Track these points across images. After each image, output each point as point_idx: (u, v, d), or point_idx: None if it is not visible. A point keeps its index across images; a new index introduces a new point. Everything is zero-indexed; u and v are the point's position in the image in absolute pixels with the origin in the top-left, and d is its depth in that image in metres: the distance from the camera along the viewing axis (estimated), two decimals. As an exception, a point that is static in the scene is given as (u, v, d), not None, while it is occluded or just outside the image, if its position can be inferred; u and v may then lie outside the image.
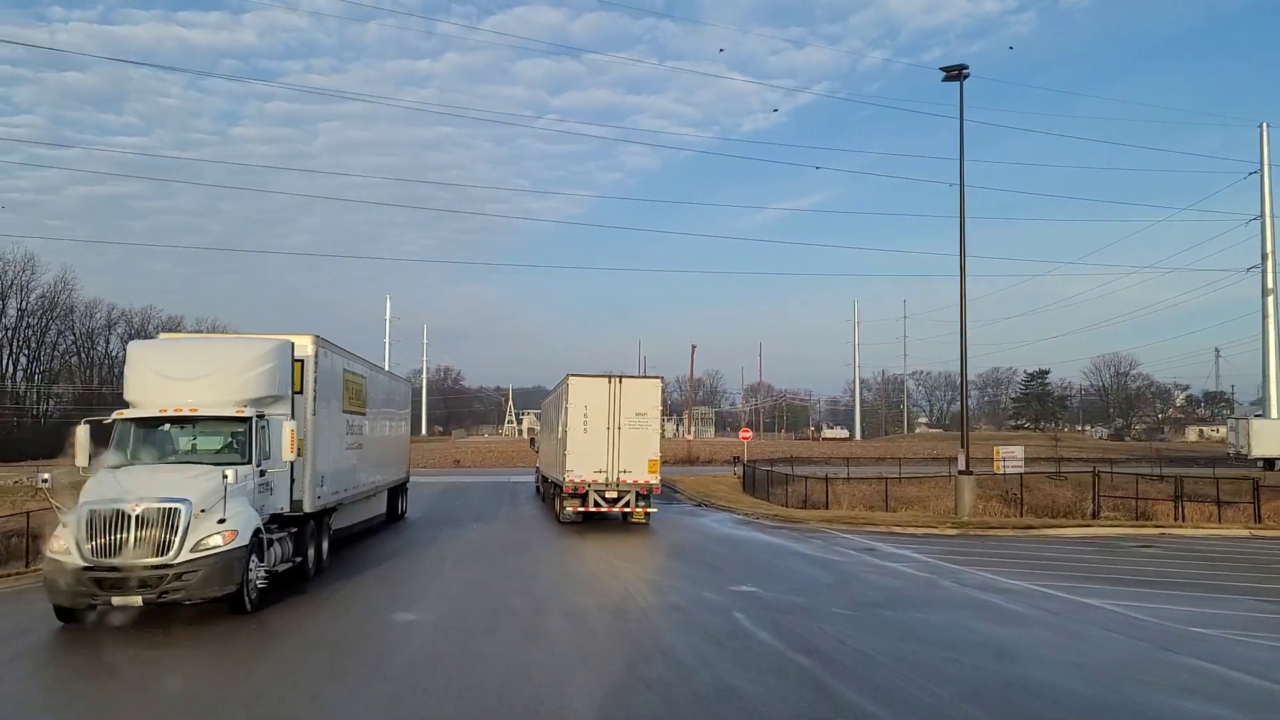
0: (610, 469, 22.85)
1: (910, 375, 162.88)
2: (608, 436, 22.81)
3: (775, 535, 23.40)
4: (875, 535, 23.33)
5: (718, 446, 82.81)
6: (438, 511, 29.30)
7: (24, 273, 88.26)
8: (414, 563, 18.26)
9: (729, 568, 17.69)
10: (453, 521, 26.29)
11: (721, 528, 25.68)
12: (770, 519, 27.59)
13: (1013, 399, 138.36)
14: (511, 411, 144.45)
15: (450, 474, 54.05)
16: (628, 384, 23.37)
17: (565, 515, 23.56)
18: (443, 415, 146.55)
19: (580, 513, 23.31)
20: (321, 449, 15.66)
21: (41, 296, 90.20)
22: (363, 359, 20.02)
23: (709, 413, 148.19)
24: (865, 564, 18.22)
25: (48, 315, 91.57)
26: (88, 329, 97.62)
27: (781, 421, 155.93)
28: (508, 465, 62.67)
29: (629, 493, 23.01)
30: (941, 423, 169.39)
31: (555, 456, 26.04)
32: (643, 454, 22.96)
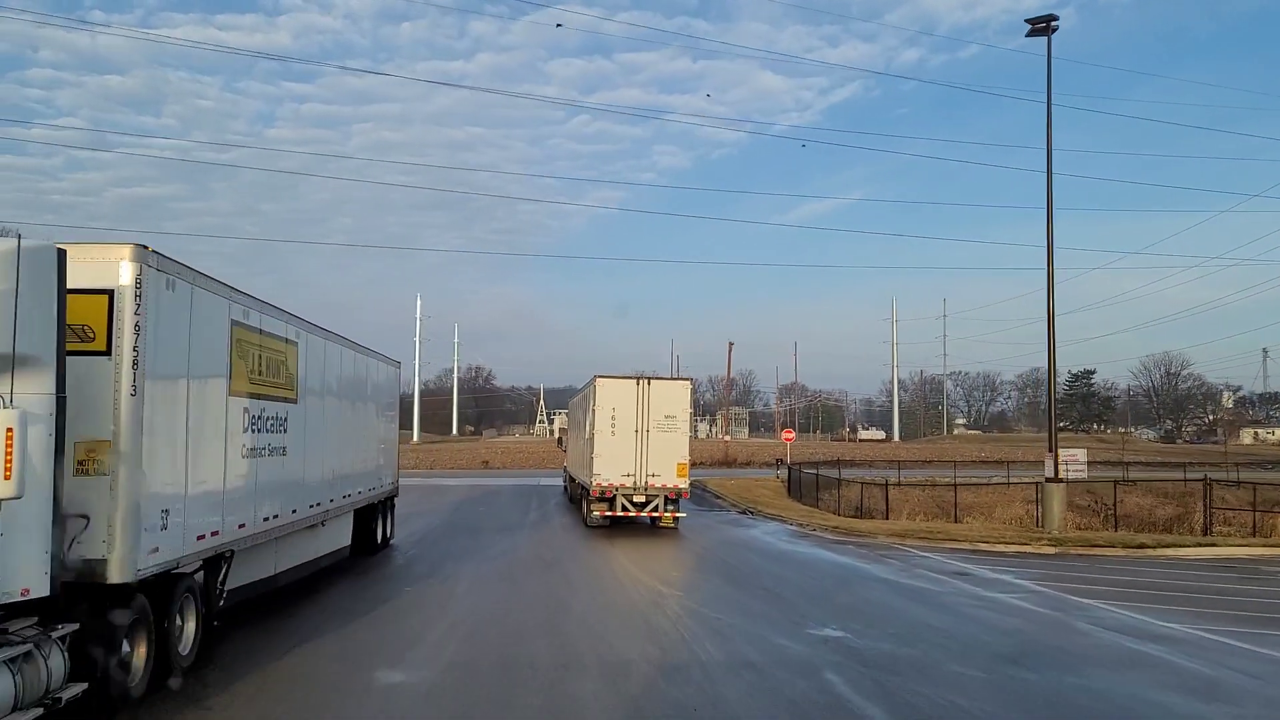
0: (638, 473, 22.11)
1: (948, 375, 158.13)
2: (636, 440, 22.08)
3: (841, 552, 20.01)
4: (958, 554, 19.86)
5: (754, 448, 79.32)
6: (457, 520, 26.25)
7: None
8: (421, 592, 15.13)
9: (799, 599, 14.35)
10: (472, 530, 23.23)
11: (777, 542, 22.34)
12: (829, 531, 24.17)
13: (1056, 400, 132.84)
14: (543, 411, 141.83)
15: (478, 476, 51.17)
16: (656, 386, 22.75)
17: (592, 519, 22.72)
18: (474, 415, 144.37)
19: (608, 517, 22.46)
20: (164, 458, 8.37)
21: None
22: (299, 318, 12.83)
23: (742, 413, 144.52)
24: (965, 595, 14.78)
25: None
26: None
27: (816, 422, 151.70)
28: (538, 466, 59.72)
29: (657, 497, 22.24)
30: (979, 424, 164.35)
31: (583, 458, 25.07)
32: (672, 457, 22.22)
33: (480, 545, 20.40)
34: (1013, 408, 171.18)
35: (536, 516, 27.45)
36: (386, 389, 19.56)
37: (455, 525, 24.64)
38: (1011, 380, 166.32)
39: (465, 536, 22.01)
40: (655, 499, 22.25)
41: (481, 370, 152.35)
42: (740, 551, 20.28)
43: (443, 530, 23.42)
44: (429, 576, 16.09)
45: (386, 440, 19.66)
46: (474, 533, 22.82)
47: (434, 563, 17.74)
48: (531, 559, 18.50)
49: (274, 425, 11.55)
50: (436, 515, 27.17)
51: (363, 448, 16.87)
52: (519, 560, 18.23)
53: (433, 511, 28.31)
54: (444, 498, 33.79)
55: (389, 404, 20.08)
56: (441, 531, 23.11)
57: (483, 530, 23.37)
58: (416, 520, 25.81)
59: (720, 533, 24.39)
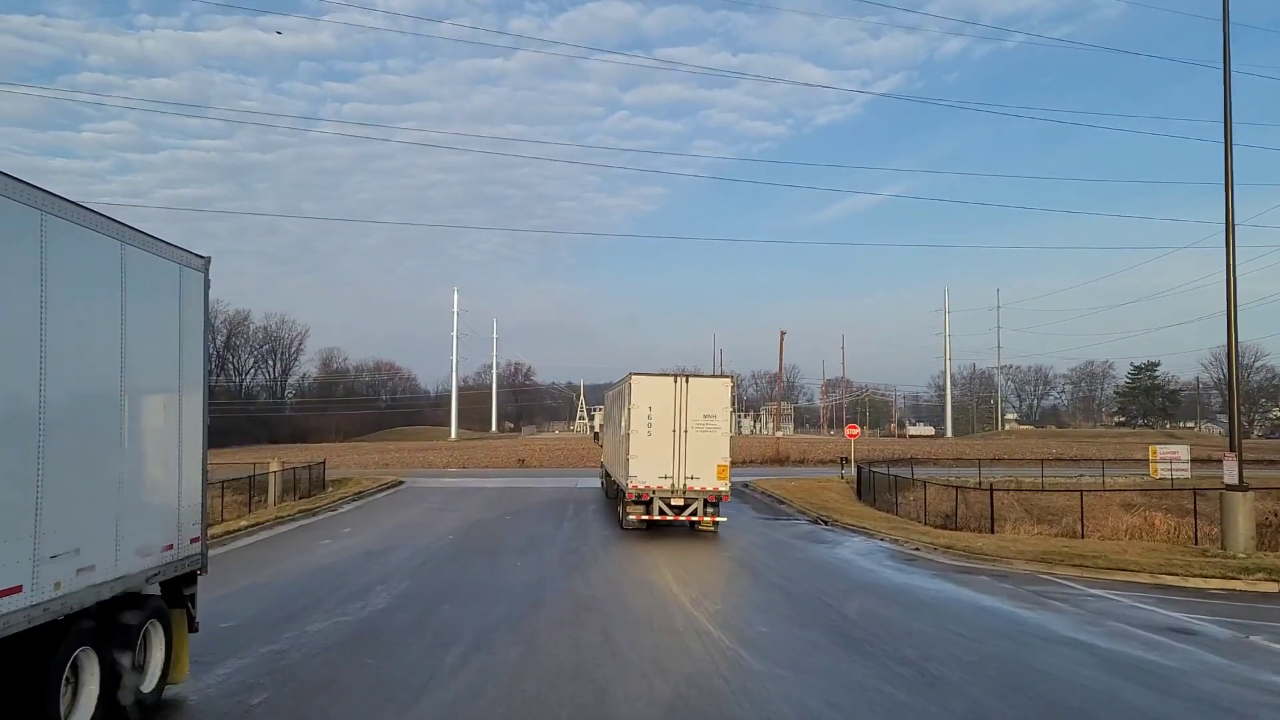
0: (676, 475, 20.68)
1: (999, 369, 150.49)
2: (673, 440, 20.65)
3: (979, 588, 14.56)
4: (1139, 591, 14.30)
5: (805, 445, 73.59)
6: (475, 535, 21.25)
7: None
8: (392, 662, 10.06)
9: (975, 689, 8.97)
10: (489, 551, 18.22)
11: (879, 568, 16.94)
12: (940, 551, 18.73)
13: (1117, 393, 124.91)
14: (583, 407, 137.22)
15: (512, 476, 46.33)
16: (695, 384, 21.23)
17: (628, 523, 21.27)
18: (513, 411, 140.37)
19: (644, 521, 20.97)
20: None
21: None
22: None
23: (787, 408, 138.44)
24: (1234, 681, 9.31)
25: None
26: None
27: (861, 417, 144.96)
28: (576, 465, 54.78)
29: (696, 500, 20.77)
30: (1030, 419, 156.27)
31: (618, 457, 23.50)
32: (711, 459, 20.71)
33: (496, 576, 15.36)
34: (1067, 402, 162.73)
35: (571, 530, 22.37)
36: (161, 319, 8.05)
37: (470, 543, 19.65)
38: (1064, 374, 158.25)
39: (479, 561, 17.01)
40: (694, 502, 20.73)
41: (521, 366, 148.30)
42: (838, 585, 14.95)
43: (452, 551, 18.44)
44: (411, 632, 11.04)
45: (165, 434, 8.04)
46: (491, 554, 17.82)
47: (426, 606, 12.69)
48: (561, 598, 13.41)
49: None
50: (452, 528, 22.25)
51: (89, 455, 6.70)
52: (544, 601, 13.13)
53: (449, 522, 23.41)
54: (467, 504, 28.94)
55: (171, 355, 8.19)
56: (450, 553, 18.11)
57: (503, 550, 18.35)
58: (425, 534, 20.91)
59: (800, 552, 19.11)
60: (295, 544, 19.99)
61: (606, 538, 20.87)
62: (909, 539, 20.78)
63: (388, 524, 23.56)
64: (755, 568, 16.62)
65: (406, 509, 27.53)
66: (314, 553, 18.43)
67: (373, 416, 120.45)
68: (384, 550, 18.39)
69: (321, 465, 37.88)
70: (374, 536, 20.86)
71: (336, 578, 15.14)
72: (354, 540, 20.27)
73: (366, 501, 30.25)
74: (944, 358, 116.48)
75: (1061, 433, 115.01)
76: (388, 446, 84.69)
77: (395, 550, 18.35)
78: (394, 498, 31.49)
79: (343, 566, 16.45)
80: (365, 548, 18.94)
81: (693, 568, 16.66)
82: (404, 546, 18.89)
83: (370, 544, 19.51)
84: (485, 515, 25.53)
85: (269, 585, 14.57)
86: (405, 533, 21.37)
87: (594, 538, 20.82)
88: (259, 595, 13.60)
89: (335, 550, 18.73)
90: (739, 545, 20.01)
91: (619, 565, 16.84)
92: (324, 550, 18.78)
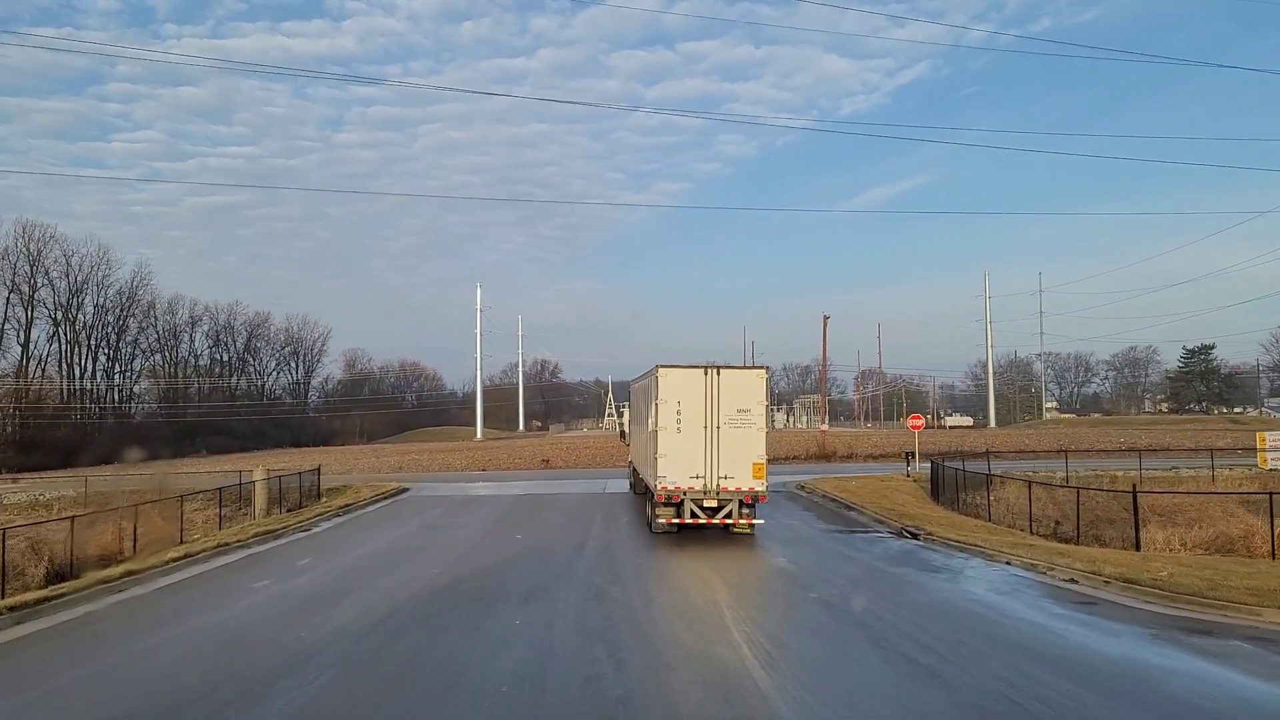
0: (709, 474, 18.62)
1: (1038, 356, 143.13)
2: (705, 437, 18.64)
3: (1252, 675, 8.79)
4: None
5: (848, 438, 67.47)
6: (470, 566, 15.72)
7: (99, 268, 79.94)
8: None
9: None
10: (482, 598, 12.66)
11: (1056, 626, 11.01)
12: (1117, 587, 12.85)
13: (1169, 378, 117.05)
14: (611, 404, 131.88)
15: (535, 477, 40.91)
16: (727, 376, 19.05)
17: (657, 525, 19.19)
18: (541, 410, 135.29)
19: (675, 524, 18.91)
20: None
21: (119, 292, 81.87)
22: None
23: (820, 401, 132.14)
24: None
25: (126, 311, 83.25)
26: (171, 326, 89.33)
27: (896, 409, 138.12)
28: (605, 464, 49.29)
29: (731, 501, 18.64)
30: (1071, 407, 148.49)
31: (646, 456, 21.27)
32: (746, 456, 18.64)
33: (478, 651, 9.80)
34: (1110, 389, 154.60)
35: (596, 556, 16.77)
36: None
37: (458, 583, 14.09)
38: (1105, 360, 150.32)
39: (461, 618, 11.46)
40: (728, 504, 18.63)
41: (548, 364, 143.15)
42: (1020, 667, 9.20)
43: (428, 599, 12.87)
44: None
45: None
46: (482, 604, 12.25)
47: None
48: (574, 700, 7.85)
49: None
50: (440, 558, 16.75)
51: None
52: (545, 715, 7.58)
53: (439, 549, 17.91)
54: (472, 518, 23.50)
55: None
56: (424, 604, 12.54)
57: (500, 597, 12.78)
58: (403, 569, 15.43)
59: (914, 591, 13.34)
60: (220, 587, 14.58)
61: (643, 569, 15.29)
62: (1047, 562, 14.98)
63: (362, 551, 18.12)
64: (870, 626, 10.95)
65: (396, 527, 22.12)
66: (234, 604, 12.99)
67: (398, 418, 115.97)
68: (334, 598, 12.93)
69: (316, 472, 32.71)
70: (333, 574, 15.41)
71: (237, 657, 9.71)
72: (303, 580, 14.83)
73: (353, 516, 24.86)
74: (985, 344, 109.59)
75: (1110, 420, 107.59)
76: (410, 448, 79.84)
77: (350, 598, 12.88)
78: (388, 510, 26.12)
79: (259, 632, 11.03)
80: (311, 593, 13.51)
81: (773, 625, 11.03)
82: (364, 591, 13.43)
83: (321, 587, 14.07)
84: (489, 535, 20.03)
85: (113, 676, 9.17)
86: (377, 567, 15.93)
87: (626, 570, 15.23)
88: (78, 699, 8.19)
89: (267, 600, 13.29)
90: (826, 579, 14.32)
91: (665, 624, 11.23)
92: (251, 600, 13.35)
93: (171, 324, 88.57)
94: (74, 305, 77.80)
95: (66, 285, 77.18)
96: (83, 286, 78.23)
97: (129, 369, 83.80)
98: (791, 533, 20.36)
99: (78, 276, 77.68)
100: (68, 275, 77.03)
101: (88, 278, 78.43)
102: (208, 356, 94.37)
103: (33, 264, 74.09)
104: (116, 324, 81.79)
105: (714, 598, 12.68)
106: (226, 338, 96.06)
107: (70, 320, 78.04)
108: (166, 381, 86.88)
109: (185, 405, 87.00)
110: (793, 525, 21.69)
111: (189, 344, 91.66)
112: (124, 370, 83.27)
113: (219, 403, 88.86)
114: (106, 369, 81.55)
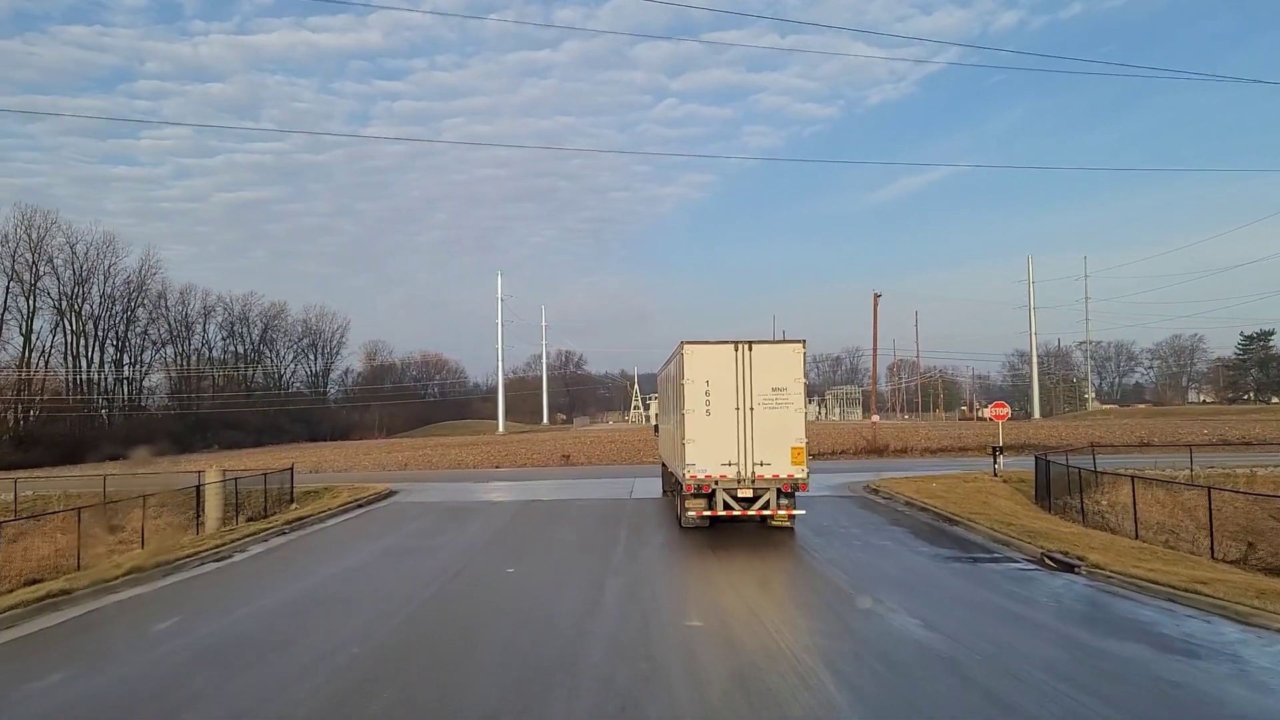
0: (743, 461, 16.05)
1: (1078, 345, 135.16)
2: (737, 419, 16.12)
3: None
4: None
5: (897, 431, 60.74)
6: (417, 643, 9.68)
7: (105, 255, 75.09)
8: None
9: None
10: (421, 712, 6.71)
11: None
12: None
13: (1226, 366, 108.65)
14: (637, 396, 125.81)
15: (552, 476, 35.00)
16: (760, 351, 16.32)
17: (687, 520, 16.70)
18: (565, 402, 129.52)
19: (705, 517, 16.47)
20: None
21: (127, 281, 77.07)
22: None
23: (854, 392, 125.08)
24: None
25: (134, 301, 78.43)
26: (183, 316, 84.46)
27: (931, 400, 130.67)
28: (632, 461, 43.28)
29: (768, 491, 16.08)
30: (1112, 398, 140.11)
31: (673, 444, 18.51)
32: (784, 439, 16.02)
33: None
34: (1154, 378, 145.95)
35: (618, 613, 10.60)
36: None
37: (378, 684, 8.06)
38: (1148, 348, 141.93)
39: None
40: (765, 493, 16.02)
41: (572, 355, 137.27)
42: None
43: (353, 695, 6.90)
44: None
45: None
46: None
47: None
48: None
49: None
50: (384, 611, 10.72)
51: None
52: None
53: (392, 592, 11.89)
54: (458, 535, 17.53)
55: None
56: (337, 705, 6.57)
57: (458, 702, 6.79)
58: (311, 640, 9.40)
59: (1182, 709, 7.14)
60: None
61: (693, 643, 9.19)
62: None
63: (264, 603, 12.08)
64: None
65: (348, 552, 16.19)
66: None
67: (419, 411, 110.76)
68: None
69: (289, 473, 26.96)
70: (199, 648, 9.45)
71: None
72: (131, 669, 8.90)
73: (304, 534, 18.91)
74: (1029, 331, 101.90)
75: (1165, 411, 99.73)
76: (425, 443, 74.34)
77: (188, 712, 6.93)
78: (356, 524, 20.25)
79: None
80: (126, 704, 7.57)
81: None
82: (217, 701, 7.45)
83: (159, 683, 8.14)
84: (469, 568, 14.00)
85: None
86: (261, 642, 9.91)
87: (668, 648, 9.11)
88: None
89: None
90: (1010, 672, 8.10)
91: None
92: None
93: (183, 314, 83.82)
94: (79, 295, 73.14)
95: (71, 274, 72.56)
96: (89, 275, 73.56)
97: (139, 361, 79.05)
98: (894, 562, 14.16)
99: (83, 265, 73.00)
100: (72, 264, 72.40)
101: (94, 266, 73.73)
102: (221, 349, 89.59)
103: (34, 251, 69.45)
104: (125, 314, 77.08)
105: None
106: (241, 329, 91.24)
107: (76, 311, 73.42)
108: (178, 373, 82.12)
109: (198, 398, 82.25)
110: (888, 549, 15.51)
111: (202, 335, 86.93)
112: (134, 362, 78.53)
113: (233, 395, 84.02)
114: (115, 361, 76.83)
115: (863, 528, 17.69)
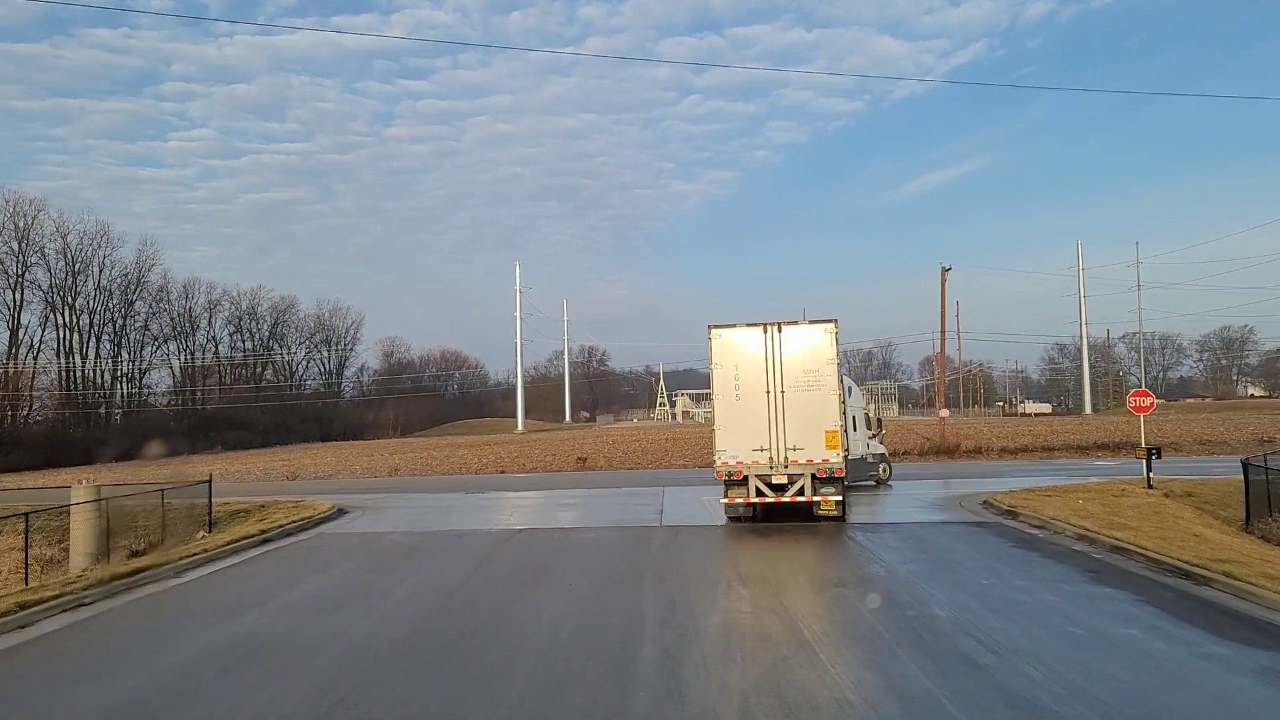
0: (775, 447, 15.47)
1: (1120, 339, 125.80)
2: (768, 403, 15.53)
3: None
4: None
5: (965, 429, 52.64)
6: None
7: (100, 246, 68.86)
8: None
9: None
10: None
11: None
12: None
13: None
14: (663, 393, 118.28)
15: (562, 484, 27.69)
16: (790, 333, 15.71)
17: (731, 510, 15.95)
18: (588, 400, 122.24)
19: (752, 505, 15.68)
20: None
21: (124, 273, 70.84)
22: None
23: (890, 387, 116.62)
24: None
25: (133, 294, 72.19)
26: (186, 311, 78.14)
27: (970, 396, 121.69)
28: (658, 463, 35.84)
29: (801, 476, 15.41)
30: (1159, 392, 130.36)
31: None
32: (818, 424, 15.41)
33: None
34: (1196, 374, 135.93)
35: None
36: None
37: None
38: (1195, 340, 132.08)
39: None
40: (799, 479, 15.36)
41: (595, 352, 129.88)
42: None
43: None
44: None
45: None
46: None
47: None
48: None
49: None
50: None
51: None
52: None
53: None
54: (372, 611, 10.09)
55: None
56: None
57: None
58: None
59: None
60: None
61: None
62: None
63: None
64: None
65: (166, 653, 8.85)
66: None
67: (437, 409, 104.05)
68: None
69: (207, 485, 19.77)
70: None
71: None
72: None
73: (136, 598, 11.44)
74: (1079, 320, 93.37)
75: (1227, 405, 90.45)
76: (438, 443, 67.43)
77: None
78: (237, 573, 12.91)
79: None
80: None
81: None
82: None
83: None
84: (367, 698, 6.56)
85: None
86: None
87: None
88: None
89: None
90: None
91: None
92: None
93: (186, 309, 77.59)
94: (71, 288, 67.03)
95: (64, 265, 66.48)
96: (84, 267, 67.40)
97: (138, 357, 72.86)
98: (1179, 692, 6.41)
99: (76, 256, 66.88)
100: (65, 254, 66.30)
101: (89, 257, 67.57)
102: (228, 345, 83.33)
103: (22, 240, 63.37)
104: (122, 308, 70.90)
105: None
106: (249, 324, 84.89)
107: (70, 304, 67.35)
108: (181, 370, 75.89)
109: (203, 396, 76.01)
110: (1143, 649, 7.81)
111: (207, 330, 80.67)
112: (133, 359, 72.35)
113: (241, 393, 77.70)
114: (112, 357, 70.69)
115: (1060, 595, 10.02)
